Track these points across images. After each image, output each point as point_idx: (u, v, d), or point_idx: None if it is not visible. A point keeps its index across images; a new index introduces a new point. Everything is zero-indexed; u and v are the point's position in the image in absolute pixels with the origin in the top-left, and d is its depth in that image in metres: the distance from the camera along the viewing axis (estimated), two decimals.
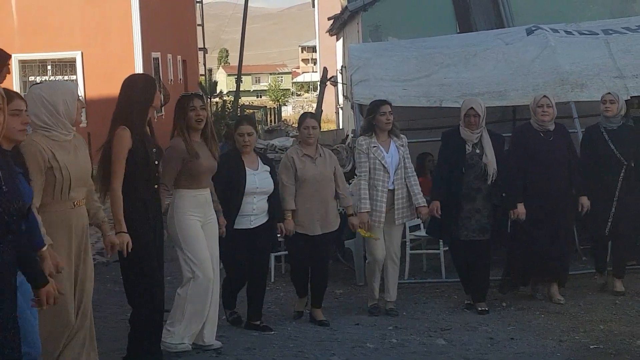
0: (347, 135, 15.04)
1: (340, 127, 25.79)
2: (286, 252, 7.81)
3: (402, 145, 6.88)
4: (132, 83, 5.22)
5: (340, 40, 23.28)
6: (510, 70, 8.97)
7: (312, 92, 60.07)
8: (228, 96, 29.80)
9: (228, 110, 18.58)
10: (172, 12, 21.86)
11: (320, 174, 6.56)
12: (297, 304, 6.88)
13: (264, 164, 6.33)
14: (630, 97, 8.60)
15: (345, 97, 20.13)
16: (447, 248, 7.52)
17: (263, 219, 6.26)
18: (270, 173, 6.32)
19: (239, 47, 21.66)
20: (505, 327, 6.43)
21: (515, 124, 9.82)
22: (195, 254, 5.50)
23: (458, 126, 6.93)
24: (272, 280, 8.25)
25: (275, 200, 6.34)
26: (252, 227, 6.18)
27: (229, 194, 6.04)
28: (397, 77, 9.09)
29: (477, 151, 6.82)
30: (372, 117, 6.84)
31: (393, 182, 6.79)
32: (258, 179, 6.20)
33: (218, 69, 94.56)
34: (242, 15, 23.81)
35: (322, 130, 23.35)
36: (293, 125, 32.59)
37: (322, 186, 6.56)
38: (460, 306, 7.11)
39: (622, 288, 7.25)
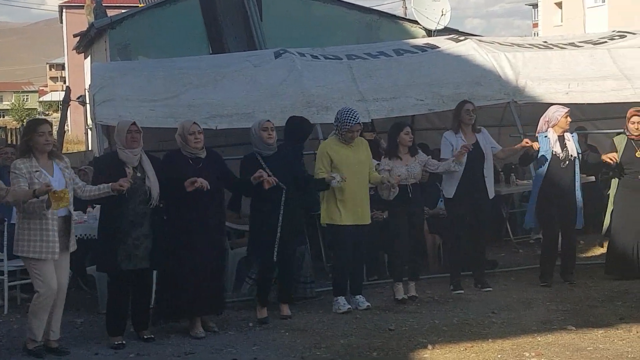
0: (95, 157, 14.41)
1: (90, 149, 24.84)
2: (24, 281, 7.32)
3: (67, 168, 6.28)
4: None
5: (89, 59, 22.47)
6: (258, 92, 9.04)
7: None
8: None
9: None
10: None
11: None
12: None
13: None
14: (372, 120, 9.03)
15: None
16: None
17: None
18: None
19: None
20: (250, 347, 6.39)
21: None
22: None
23: (115, 151, 6.54)
24: (6, 312, 7.70)
25: None
26: None
27: None
28: (143, 97, 8.83)
29: (139, 174, 6.43)
30: (28, 137, 6.17)
31: (66, 208, 6.09)
32: None
33: None
34: None
35: (71, 151, 22.25)
36: None
37: None
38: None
39: (288, 312, 7.18)
